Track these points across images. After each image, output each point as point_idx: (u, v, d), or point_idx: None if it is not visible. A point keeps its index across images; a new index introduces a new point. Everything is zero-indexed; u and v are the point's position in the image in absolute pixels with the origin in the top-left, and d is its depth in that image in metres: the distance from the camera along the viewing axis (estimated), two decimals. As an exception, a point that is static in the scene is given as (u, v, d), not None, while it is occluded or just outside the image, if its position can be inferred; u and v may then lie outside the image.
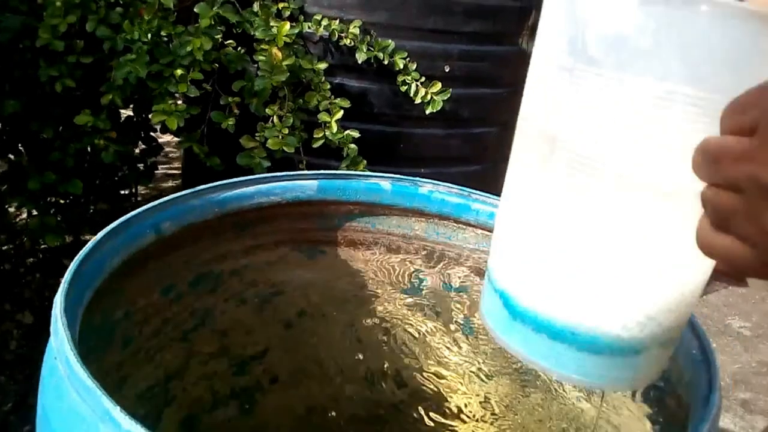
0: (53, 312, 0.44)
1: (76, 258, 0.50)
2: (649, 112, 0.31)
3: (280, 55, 1.11)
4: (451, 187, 0.77)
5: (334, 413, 0.81)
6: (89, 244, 0.52)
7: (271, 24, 1.14)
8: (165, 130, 1.25)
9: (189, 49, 1.08)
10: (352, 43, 1.22)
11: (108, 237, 0.55)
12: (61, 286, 0.46)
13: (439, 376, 0.82)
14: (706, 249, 0.30)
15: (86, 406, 0.38)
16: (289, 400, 0.80)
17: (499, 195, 0.75)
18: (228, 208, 0.68)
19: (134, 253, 0.58)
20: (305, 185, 0.74)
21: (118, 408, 0.36)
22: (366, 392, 0.82)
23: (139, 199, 1.71)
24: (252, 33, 1.15)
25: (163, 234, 0.61)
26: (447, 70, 1.30)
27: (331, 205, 0.77)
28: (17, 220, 1.64)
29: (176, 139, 1.38)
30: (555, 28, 0.36)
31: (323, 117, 1.19)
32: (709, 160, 0.28)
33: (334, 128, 1.18)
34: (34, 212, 1.31)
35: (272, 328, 0.78)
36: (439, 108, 1.26)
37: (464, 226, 0.78)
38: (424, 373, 0.82)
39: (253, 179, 0.70)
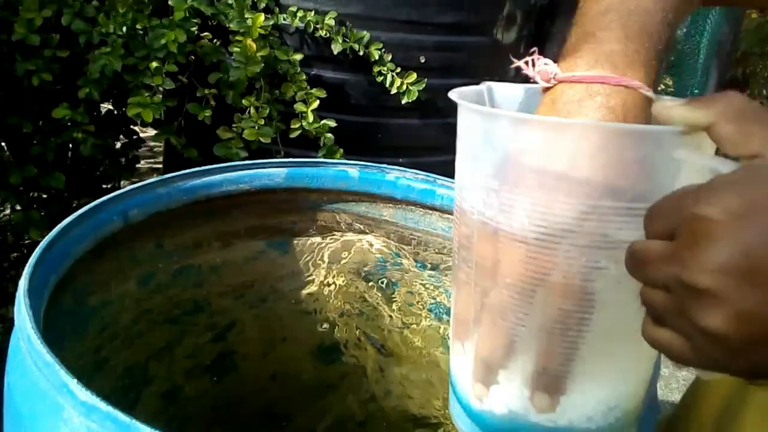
0: (17, 294, 0.46)
1: (41, 244, 0.51)
2: (578, 226, 0.34)
3: (254, 46, 1.12)
4: (417, 174, 0.79)
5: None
6: (54, 230, 0.53)
7: (246, 16, 1.15)
8: (144, 123, 1.26)
9: (163, 41, 1.10)
10: (328, 35, 1.23)
11: (74, 223, 0.56)
12: (25, 270, 0.48)
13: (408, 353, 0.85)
14: (649, 341, 0.32)
15: (46, 380, 0.39)
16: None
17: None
18: (196, 196, 0.70)
19: (102, 239, 0.60)
20: (274, 173, 0.75)
21: (75, 380, 0.38)
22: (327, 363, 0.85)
23: (122, 192, 1.72)
24: (227, 25, 1.17)
25: (130, 221, 0.63)
26: (423, 61, 1.31)
27: (300, 193, 0.79)
28: (0, 215, 1.65)
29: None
30: (476, 153, 0.38)
31: (299, 107, 1.20)
32: (637, 264, 0.31)
33: (311, 118, 1.20)
34: (18, 207, 1.32)
35: (244, 312, 0.80)
36: (414, 98, 1.27)
37: (431, 211, 0.80)
38: (390, 352, 0.85)
39: (221, 167, 0.72)
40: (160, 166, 2.49)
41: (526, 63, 0.40)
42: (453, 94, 0.40)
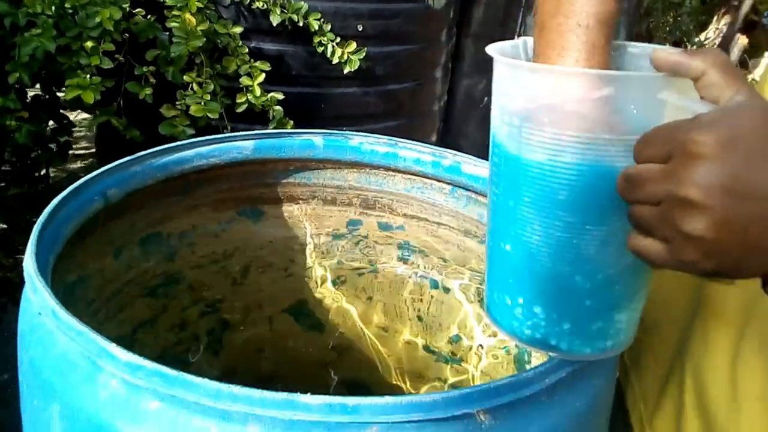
0: (26, 273, 0.47)
1: (36, 224, 0.52)
2: (580, 155, 0.40)
3: (194, 20, 1.11)
4: (379, 138, 0.82)
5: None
6: (46, 211, 0.54)
7: (182, -10, 1.13)
8: (74, 106, 1.22)
9: (98, 19, 1.06)
10: (265, 6, 1.23)
11: (60, 205, 0.56)
12: (29, 249, 0.48)
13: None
14: (633, 250, 0.38)
15: (81, 349, 0.41)
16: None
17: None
18: (169, 172, 0.71)
19: (86, 219, 0.60)
20: (242, 146, 0.77)
21: (114, 344, 0.40)
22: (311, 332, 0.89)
23: (50, 181, 1.65)
24: (161, 0, 1.14)
25: (110, 200, 0.63)
26: (360, 29, 1.34)
27: (268, 164, 0.81)
28: None
29: (82, 116, 1.34)
30: (502, 95, 0.45)
31: (245, 81, 1.21)
32: (632, 185, 0.37)
33: (258, 92, 1.20)
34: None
35: (223, 282, 0.82)
36: (356, 67, 1.30)
37: (394, 173, 0.84)
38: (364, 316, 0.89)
39: (191, 143, 0.73)
40: (84, 151, 2.38)
41: None
42: (489, 49, 0.45)
